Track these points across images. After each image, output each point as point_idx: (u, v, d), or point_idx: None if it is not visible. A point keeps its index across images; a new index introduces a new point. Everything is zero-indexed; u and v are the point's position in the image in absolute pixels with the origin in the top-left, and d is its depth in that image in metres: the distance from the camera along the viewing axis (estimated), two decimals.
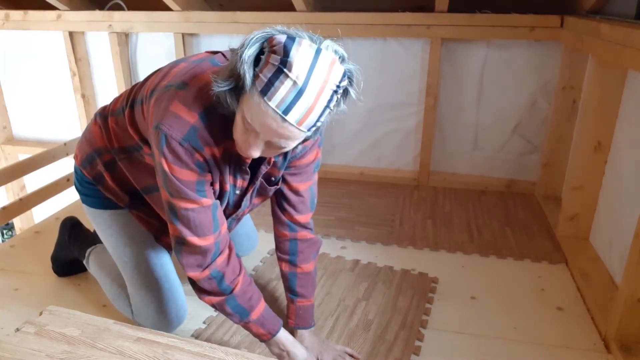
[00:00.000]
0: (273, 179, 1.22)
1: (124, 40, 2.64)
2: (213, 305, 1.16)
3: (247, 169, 1.13)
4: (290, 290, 1.32)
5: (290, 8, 2.29)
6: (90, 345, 1.03)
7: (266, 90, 0.87)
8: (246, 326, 1.18)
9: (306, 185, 1.28)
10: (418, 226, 2.00)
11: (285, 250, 1.32)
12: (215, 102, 0.98)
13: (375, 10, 2.23)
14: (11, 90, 2.96)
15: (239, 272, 1.16)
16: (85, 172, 1.32)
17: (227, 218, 1.23)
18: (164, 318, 1.31)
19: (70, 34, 2.66)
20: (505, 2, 2.15)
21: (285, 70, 0.86)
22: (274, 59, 0.87)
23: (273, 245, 1.81)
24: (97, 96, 2.85)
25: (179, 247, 1.11)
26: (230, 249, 1.16)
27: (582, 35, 1.73)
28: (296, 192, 1.26)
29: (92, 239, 1.53)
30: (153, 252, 1.33)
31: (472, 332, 1.37)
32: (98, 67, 2.79)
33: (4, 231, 4.77)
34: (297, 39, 0.87)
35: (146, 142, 1.16)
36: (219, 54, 1.17)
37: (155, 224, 1.35)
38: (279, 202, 1.29)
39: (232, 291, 1.14)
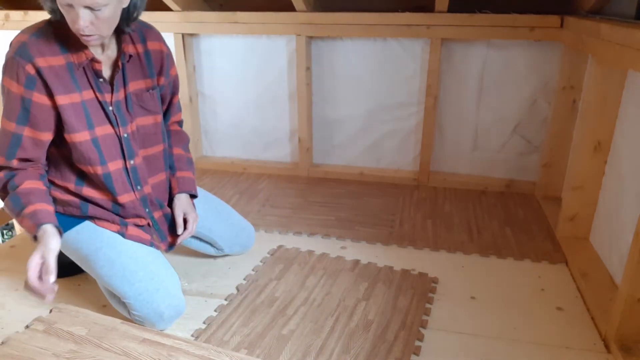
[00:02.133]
0: (150, 89, 1.38)
1: None
2: (5, 206, 1.27)
3: (102, 74, 1.27)
4: (170, 167, 1.51)
5: (290, 8, 2.29)
6: (96, 344, 1.04)
7: None
8: (21, 221, 1.24)
9: (177, 98, 1.54)
10: (418, 226, 2.00)
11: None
12: (49, 23, 1.23)
13: (375, 10, 2.24)
14: None
15: (31, 180, 1.27)
16: None
17: (122, 139, 1.34)
18: (157, 307, 1.30)
19: None
20: (505, 2, 2.15)
21: None
22: None
23: (273, 245, 1.83)
24: None
25: None
26: (35, 168, 1.29)
27: (582, 35, 1.73)
28: (172, 106, 1.53)
29: None
30: (125, 247, 1.35)
31: (472, 332, 1.38)
32: None
33: (4, 231, 4.77)
34: None
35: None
36: None
37: (115, 219, 1.38)
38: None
39: (16, 187, 1.25)
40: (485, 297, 1.53)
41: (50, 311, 1.14)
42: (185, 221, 1.46)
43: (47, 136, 1.27)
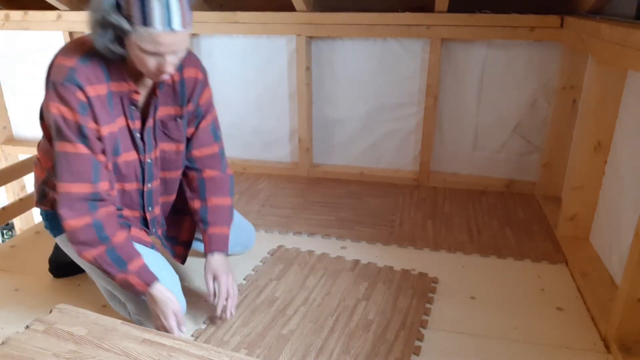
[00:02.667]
0: (177, 118, 1.34)
1: None
2: (94, 260, 1.20)
3: (137, 104, 1.25)
4: (202, 221, 1.41)
5: (290, 8, 2.29)
6: (97, 345, 1.04)
7: (145, 20, 1.06)
8: (126, 278, 1.21)
9: (205, 123, 1.42)
10: (418, 226, 2.00)
11: (195, 189, 1.44)
12: (93, 48, 1.14)
13: (375, 10, 2.24)
14: (11, 91, 2.96)
15: (120, 229, 1.23)
16: (44, 207, 1.37)
17: (144, 164, 1.31)
18: None
19: (70, 34, 2.66)
20: (505, 2, 2.15)
21: None
22: None
23: (273, 245, 1.83)
24: None
25: (59, 197, 1.18)
26: (114, 211, 1.24)
27: (582, 35, 1.73)
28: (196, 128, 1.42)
29: None
30: None
31: (472, 332, 1.38)
32: None
33: (4, 231, 4.77)
34: None
35: None
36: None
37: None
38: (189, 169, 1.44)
39: (111, 241, 1.19)
40: (485, 297, 1.53)
41: (51, 311, 1.14)
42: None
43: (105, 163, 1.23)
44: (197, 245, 1.65)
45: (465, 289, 1.57)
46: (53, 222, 1.35)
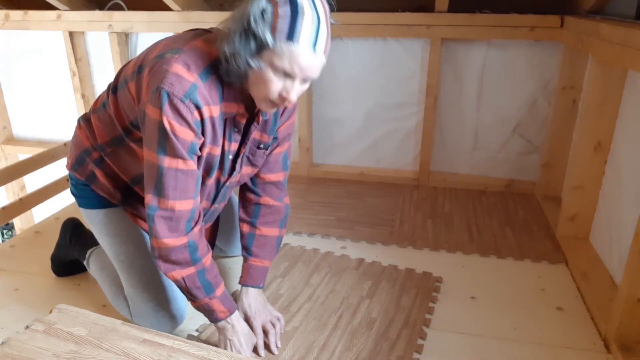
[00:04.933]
0: (262, 145, 1.28)
1: (124, 40, 2.64)
2: (182, 280, 1.15)
3: (241, 127, 1.19)
4: (246, 249, 1.38)
5: None
6: (97, 345, 1.04)
7: (291, 35, 0.98)
8: (209, 302, 1.18)
9: (281, 149, 1.38)
10: (418, 226, 2.00)
11: (248, 213, 1.40)
12: (212, 65, 1.07)
13: (375, 10, 2.24)
14: (11, 90, 2.96)
15: (207, 249, 1.20)
16: (77, 175, 1.33)
17: (222, 186, 1.27)
18: (162, 317, 1.31)
19: (70, 34, 2.66)
20: (505, 2, 2.15)
21: (299, 12, 0.97)
22: (283, 9, 0.97)
23: None
24: (97, 96, 2.85)
25: (155, 212, 1.11)
26: (202, 229, 1.19)
27: (582, 35, 1.73)
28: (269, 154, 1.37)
29: (93, 241, 1.53)
30: (147, 252, 1.33)
31: (472, 332, 1.38)
32: (98, 67, 2.79)
33: (4, 231, 4.77)
34: None
35: (135, 126, 1.18)
36: (195, 29, 1.19)
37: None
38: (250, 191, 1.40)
39: (202, 263, 1.16)
40: (485, 297, 1.53)
41: (51, 311, 1.14)
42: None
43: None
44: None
45: (465, 289, 1.57)
46: (83, 191, 1.34)
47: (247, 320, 1.30)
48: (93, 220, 1.36)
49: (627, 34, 1.32)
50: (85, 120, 1.34)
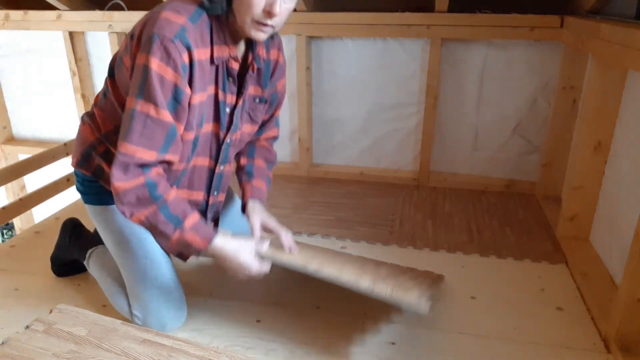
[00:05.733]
0: (258, 99, 1.30)
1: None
2: (146, 220, 1.13)
3: (235, 76, 1.19)
4: (246, 173, 1.43)
5: None
6: (97, 345, 1.04)
7: None
8: (181, 236, 1.15)
9: (277, 113, 1.46)
10: (418, 226, 2.00)
11: (244, 151, 1.45)
12: (200, 7, 1.09)
13: (375, 10, 2.24)
14: (11, 90, 2.96)
15: (172, 188, 1.17)
16: (84, 171, 1.32)
17: (222, 143, 1.27)
18: (162, 317, 1.31)
19: (70, 34, 2.66)
20: (505, 2, 2.15)
21: None
22: None
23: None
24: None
25: (119, 156, 1.10)
26: (163, 173, 1.16)
27: (582, 35, 1.73)
28: (271, 119, 1.45)
29: (93, 241, 1.53)
30: (153, 249, 1.33)
31: (472, 332, 1.37)
32: (98, 67, 2.79)
33: (4, 231, 4.77)
34: None
35: None
36: None
37: None
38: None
39: (164, 199, 1.13)
40: (485, 297, 1.53)
41: (51, 311, 1.15)
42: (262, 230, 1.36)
43: (182, 133, 1.16)
44: None
45: (465, 289, 1.57)
46: (89, 187, 1.32)
47: (264, 222, 1.34)
48: (99, 217, 1.35)
49: (627, 34, 1.32)
50: (88, 116, 1.33)
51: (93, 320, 1.12)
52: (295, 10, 2.28)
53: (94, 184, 1.32)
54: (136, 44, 1.09)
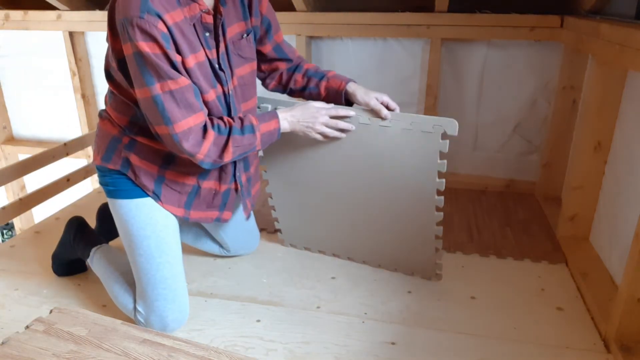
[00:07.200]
0: (245, 34, 1.30)
1: None
2: (235, 151, 1.22)
3: (211, 28, 1.20)
4: (315, 78, 1.49)
5: (290, 8, 2.29)
6: (97, 345, 1.03)
7: None
8: (261, 134, 1.27)
9: (279, 37, 1.46)
10: None
11: (289, 77, 1.51)
12: None
13: (375, 10, 2.24)
14: (11, 90, 2.96)
15: (226, 118, 1.25)
16: (110, 166, 1.31)
17: (229, 98, 1.28)
18: (165, 317, 1.32)
19: (70, 34, 2.66)
20: (505, 2, 2.15)
21: None
22: None
23: (275, 245, 1.82)
24: (98, 96, 2.85)
25: (175, 138, 1.14)
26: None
27: (582, 35, 1.73)
28: (279, 44, 1.46)
29: (98, 239, 1.54)
30: (169, 250, 1.34)
31: (472, 332, 1.37)
32: (98, 67, 2.79)
33: (4, 231, 4.78)
34: None
35: None
36: None
37: (182, 202, 1.35)
38: (273, 63, 1.48)
39: (230, 127, 1.21)
40: (485, 297, 1.53)
41: (51, 311, 1.14)
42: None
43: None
44: (201, 241, 1.66)
45: (465, 289, 1.57)
46: (116, 181, 1.31)
47: (365, 95, 1.43)
48: (120, 210, 1.32)
49: (627, 34, 1.32)
50: (105, 112, 1.35)
51: (93, 320, 1.11)
52: (295, 10, 2.29)
53: (121, 179, 1.31)
54: (113, 38, 1.13)
